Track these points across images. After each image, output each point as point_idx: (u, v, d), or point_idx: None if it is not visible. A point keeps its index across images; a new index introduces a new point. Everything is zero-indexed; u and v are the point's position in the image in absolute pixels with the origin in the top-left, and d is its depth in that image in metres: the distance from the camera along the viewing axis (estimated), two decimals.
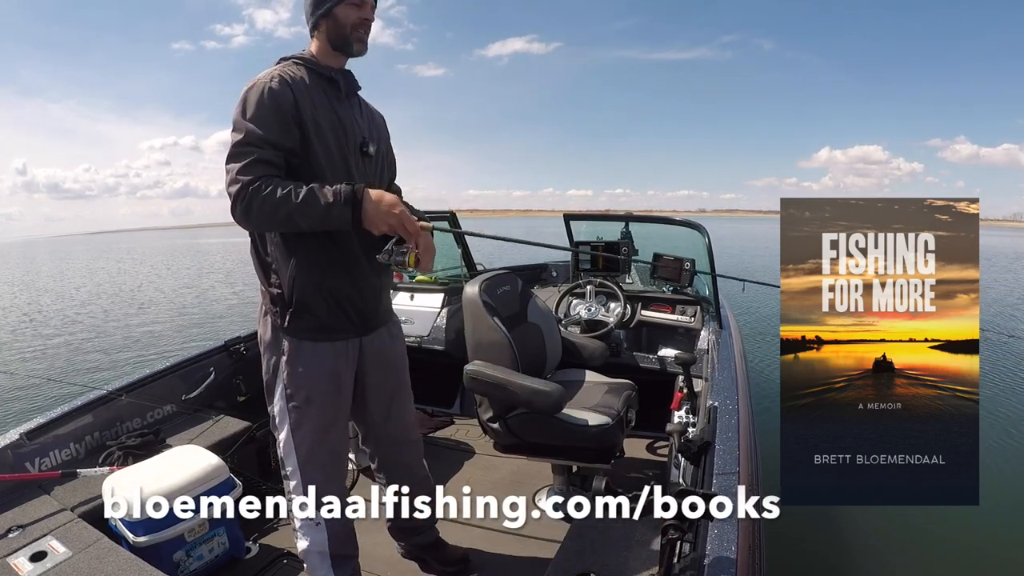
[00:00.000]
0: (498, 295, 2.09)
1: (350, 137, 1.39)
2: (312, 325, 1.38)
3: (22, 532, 1.50)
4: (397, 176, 1.62)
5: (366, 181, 1.37)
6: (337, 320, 1.40)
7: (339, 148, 1.35)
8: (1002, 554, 2.60)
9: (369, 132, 1.45)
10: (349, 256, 1.36)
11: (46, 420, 1.89)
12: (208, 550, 1.70)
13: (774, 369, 3.23)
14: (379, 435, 1.63)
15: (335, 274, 1.37)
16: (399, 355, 1.62)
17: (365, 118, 1.47)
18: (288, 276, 1.35)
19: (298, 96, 1.28)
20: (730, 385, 1.86)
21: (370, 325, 1.49)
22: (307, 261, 1.34)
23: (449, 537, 1.87)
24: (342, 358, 1.44)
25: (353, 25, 1.34)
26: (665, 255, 3.25)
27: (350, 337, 1.45)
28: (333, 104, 1.37)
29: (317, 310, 1.37)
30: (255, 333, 2.83)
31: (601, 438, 1.85)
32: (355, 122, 1.42)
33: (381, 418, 1.59)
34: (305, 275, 1.35)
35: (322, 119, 1.33)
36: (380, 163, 1.49)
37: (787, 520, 1.20)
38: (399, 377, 1.62)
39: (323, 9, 1.33)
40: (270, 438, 2.32)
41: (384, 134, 1.55)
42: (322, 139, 1.32)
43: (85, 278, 18.80)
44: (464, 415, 3.00)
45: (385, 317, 1.56)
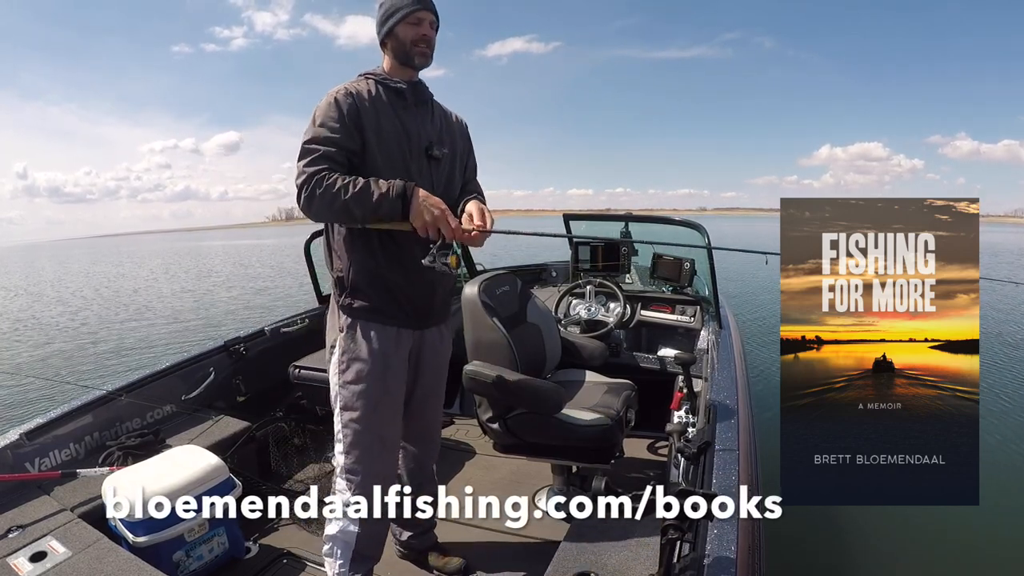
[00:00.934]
0: (497, 295, 2.09)
1: (414, 142, 1.50)
2: (366, 307, 1.50)
3: (22, 532, 1.50)
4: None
5: (429, 182, 1.50)
6: (389, 306, 1.51)
7: (401, 152, 1.47)
8: (1002, 554, 2.60)
9: (439, 137, 1.57)
10: (404, 251, 1.47)
11: (46, 420, 1.89)
12: (208, 550, 1.70)
13: (774, 369, 3.24)
14: (408, 425, 1.68)
15: (389, 265, 1.48)
16: (445, 356, 1.71)
17: (437, 124, 1.59)
18: (347, 263, 1.49)
19: (360, 106, 1.43)
20: (730, 385, 1.86)
21: (424, 320, 1.58)
22: (365, 251, 1.47)
23: (449, 537, 1.87)
24: (391, 343, 1.52)
25: (413, 41, 1.48)
26: (665, 255, 3.25)
27: (402, 327, 1.53)
28: (399, 112, 1.50)
29: (371, 294, 1.49)
30: (255, 333, 2.83)
31: (601, 438, 1.85)
32: (422, 128, 1.53)
33: (415, 411, 1.67)
34: (361, 262, 1.48)
35: (385, 126, 1.46)
36: (450, 164, 1.60)
37: (787, 520, 1.20)
38: (440, 377, 1.71)
39: (386, 28, 1.48)
40: (269, 438, 2.34)
41: (459, 138, 1.65)
42: (383, 144, 1.45)
43: (82, 282, 18.78)
44: (464, 415, 3.00)
45: (440, 316, 1.65)
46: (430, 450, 1.77)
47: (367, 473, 1.51)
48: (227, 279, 17.59)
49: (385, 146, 1.45)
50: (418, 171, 1.49)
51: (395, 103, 1.50)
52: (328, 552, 1.56)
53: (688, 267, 3.12)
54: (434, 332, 1.63)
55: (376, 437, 1.53)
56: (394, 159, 1.46)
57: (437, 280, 1.55)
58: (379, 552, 1.62)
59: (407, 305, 1.52)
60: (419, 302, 1.54)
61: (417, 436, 1.72)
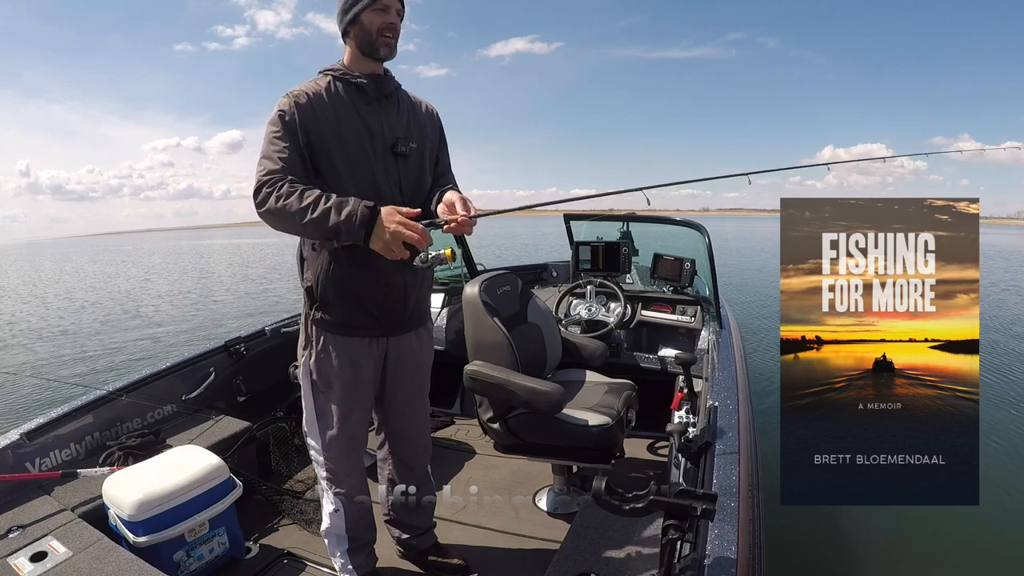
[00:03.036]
0: (498, 295, 2.09)
1: (377, 140, 1.43)
2: (335, 320, 1.47)
3: (22, 532, 1.50)
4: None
5: (396, 181, 1.45)
6: (358, 317, 1.48)
7: (363, 152, 1.41)
8: (1002, 554, 2.60)
9: (407, 131, 1.50)
10: (373, 258, 1.37)
11: (46, 420, 1.89)
12: (208, 550, 1.70)
13: (774, 369, 3.24)
14: (392, 431, 1.70)
15: (357, 274, 1.44)
16: (425, 358, 1.69)
17: (403, 117, 1.51)
18: (316, 273, 1.45)
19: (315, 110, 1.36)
20: (730, 385, 1.86)
21: (397, 328, 1.55)
22: (333, 260, 1.43)
23: (449, 537, 1.87)
24: (364, 352, 1.51)
25: (379, 30, 1.40)
26: (665, 255, 3.25)
27: (374, 336, 1.52)
28: (359, 109, 1.43)
29: (339, 306, 1.46)
30: (255, 333, 2.83)
31: (601, 438, 1.85)
32: (385, 124, 1.46)
33: (398, 414, 1.67)
34: (330, 273, 1.44)
35: (345, 127, 1.40)
36: (419, 160, 1.52)
37: (787, 520, 1.20)
38: (421, 380, 1.69)
39: (350, 16, 1.40)
40: (270, 438, 2.34)
41: (428, 131, 1.57)
42: (344, 146, 1.39)
43: (83, 282, 18.73)
44: (464, 415, 3.00)
45: (417, 321, 1.61)
46: (421, 453, 1.76)
47: (344, 471, 1.59)
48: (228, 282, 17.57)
49: (345, 148, 1.39)
50: (383, 171, 1.43)
51: (356, 99, 1.43)
52: (328, 548, 1.65)
53: (688, 267, 3.12)
54: (411, 337, 1.60)
55: (347, 437, 1.57)
56: (355, 161, 1.40)
57: (410, 286, 1.51)
58: (373, 533, 1.69)
59: (378, 314, 1.49)
60: (391, 311, 1.51)
61: (405, 440, 1.71)
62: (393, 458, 1.73)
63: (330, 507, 1.59)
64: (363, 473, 1.68)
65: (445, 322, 3.05)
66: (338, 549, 1.63)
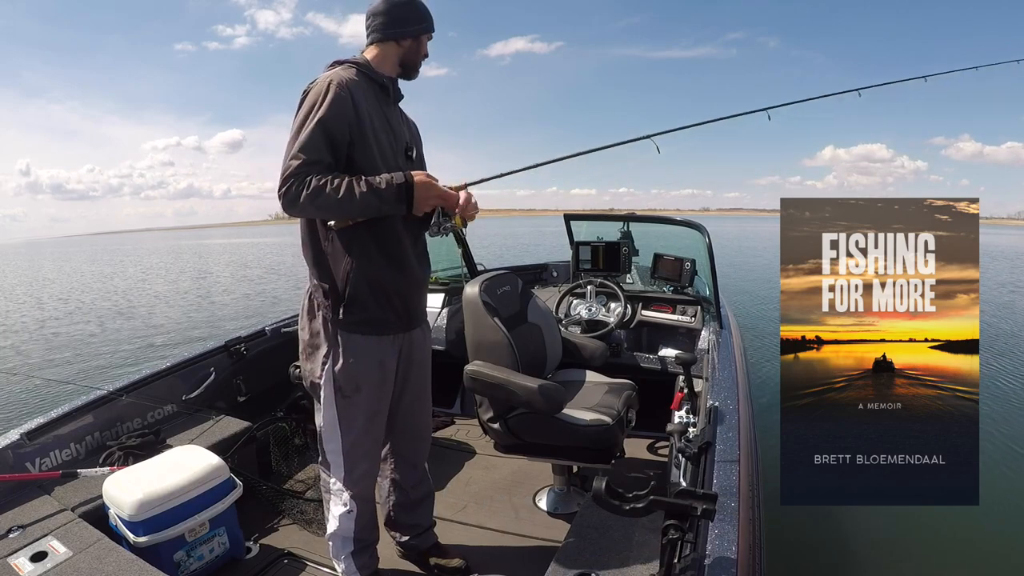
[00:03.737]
0: (498, 295, 2.09)
1: (399, 140, 1.50)
2: (362, 319, 1.46)
3: (22, 532, 1.50)
4: None
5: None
6: (385, 314, 1.48)
7: (391, 147, 1.46)
8: (1002, 554, 2.60)
9: (412, 138, 1.58)
10: (400, 252, 1.45)
11: (46, 420, 1.89)
12: (208, 550, 1.70)
13: (774, 369, 3.23)
14: (400, 428, 1.69)
15: (388, 270, 1.45)
16: (428, 354, 1.71)
17: (406, 124, 1.59)
18: (343, 271, 1.42)
19: (356, 98, 1.37)
20: (730, 385, 1.86)
21: (413, 321, 1.58)
22: (362, 256, 1.42)
23: (449, 537, 1.87)
24: (388, 350, 1.52)
25: (424, 55, 1.51)
26: (665, 255, 3.25)
27: (396, 332, 1.53)
28: (383, 107, 1.47)
29: (368, 304, 1.45)
30: (255, 333, 2.82)
31: (601, 438, 1.85)
32: (399, 127, 1.52)
33: (406, 410, 1.67)
34: (360, 270, 1.42)
35: (378, 123, 1.43)
36: (419, 168, 1.58)
37: (787, 520, 1.20)
38: (427, 375, 1.71)
39: (411, 30, 1.47)
40: (270, 438, 2.34)
41: (419, 141, 1.65)
42: (379, 142, 1.43)
43: (77, 283, 18.71)
44: (464, 415, 3.00)
45: (424, 315, 1.65)
46: (422, 449, 1.77)
47: (366, 473, 1.58)
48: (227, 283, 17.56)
49: (380, 144, 1.43)
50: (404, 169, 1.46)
51: (380, 97, 1.47)
52: (332, 549, 1.63)
53: (689, 267, 3.12)
54: (418, 331, 1.63)
55: (374, 439, 1.58)
56: (387, 157, 1.44)
57: (424, 279, 1.57)
58: (376, 533, 1.69)
59: (402, 310, 1.51)
60: (412, 304, 1.54)
61: (410, 437, 1.72)
62: (396, 456, 1.73)
63: (342, 508, 1.56)
64: (377, 474, 1.68)
65: (445, 322, 3.05)
66: (343, 552, 1.61)
